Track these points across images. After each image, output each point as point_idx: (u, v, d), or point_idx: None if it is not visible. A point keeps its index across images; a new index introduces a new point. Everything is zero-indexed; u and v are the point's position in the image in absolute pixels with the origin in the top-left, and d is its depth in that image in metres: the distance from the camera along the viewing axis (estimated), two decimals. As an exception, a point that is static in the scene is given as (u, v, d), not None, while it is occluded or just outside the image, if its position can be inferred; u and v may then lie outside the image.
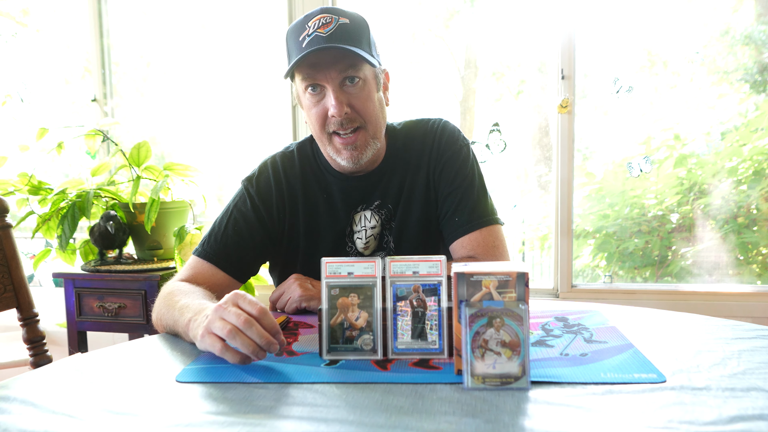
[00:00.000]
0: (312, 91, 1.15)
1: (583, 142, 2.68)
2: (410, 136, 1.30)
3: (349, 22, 1.14)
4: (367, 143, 1.19)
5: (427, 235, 1.27)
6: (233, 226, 1.24)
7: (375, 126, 1.20)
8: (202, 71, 2.76)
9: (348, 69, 1.13)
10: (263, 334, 0.80)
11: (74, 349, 2.12)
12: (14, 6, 2.87)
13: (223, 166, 2.88)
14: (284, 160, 1.30)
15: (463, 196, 1.24)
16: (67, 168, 2.97)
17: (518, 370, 0.72)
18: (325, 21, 1.12)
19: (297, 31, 1.15)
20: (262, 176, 1.29)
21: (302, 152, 1.31)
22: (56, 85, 2.91)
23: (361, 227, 1.27)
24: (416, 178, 1.27)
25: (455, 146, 1.28)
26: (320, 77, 1.13)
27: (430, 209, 1.27)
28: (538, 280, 2.86)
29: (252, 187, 1.27)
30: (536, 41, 2.55)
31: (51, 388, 0.78)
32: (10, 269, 1.37)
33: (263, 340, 0.80)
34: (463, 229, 1.23)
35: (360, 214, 1.27)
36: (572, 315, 1.09)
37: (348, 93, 1.15)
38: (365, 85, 1.16)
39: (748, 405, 0.66)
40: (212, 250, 1.21)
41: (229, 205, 1.28)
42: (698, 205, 2.61)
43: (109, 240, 2.10)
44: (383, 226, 1.27)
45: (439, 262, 0.84)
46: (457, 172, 1.26)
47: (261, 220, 1.25)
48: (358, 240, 1.27)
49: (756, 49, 2.52)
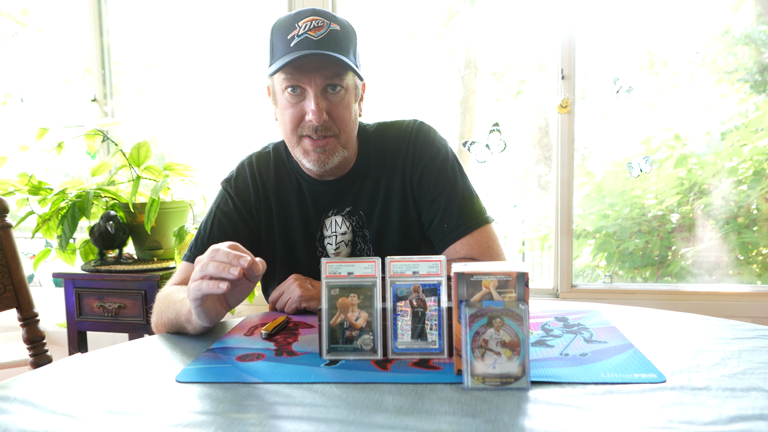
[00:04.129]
0: (292, 92, 1.14)
1: (583, 142, 2.68)
2: (383, 139, 1.28)
3: (339, 30, 1.13)
4: (336, 150, 1.18)
5: (407, 240, 1.26)
6: (218, 227, 1.25)
7: (347, 136, 1.19)
8: (202, 71, 2.76)
9: (333, 77, 1.12)
10: (228, 252, 0.86)
11: (74, 349, 2.12)
12: (14, 6, 2.87)
13: (223, 166, 2.88)
14: (260, 160, 1.31)
15: (448, 202, 1.23)
16: (67, 168, 2.97)
17: (518, 370, 0.72)
18: (317, 24, 1.11)
19: (285, 29, 1.14)
20: (240, 177, 1.30)
21: (277, 153, 1.31)
22: (56, 85, 2.91)
23: (332, 232, 1.26)
24: (392, 183, 1.25)
25: (431, 149, 1.25)
26: (304, 80, 1.12)
27: (408, 214, 1.25)
28: (538, 280, 2.86)
29: (231, 188, 1.29)
30: (536, 41, 2.55)
31: (51, 388, 0.78)
32: (10, 269, 1.37)
33: (230, 256, 0.86)
34: (454, 235, 1.22)
35: (330, 219, 1.27)
36: (572, 315, 1.09)
37: (328, 100, 1.14)
38: (346, 95, 1.16)
39: (748, 405, 0.66)
40: (200, 253, 1.21)
41: (212, 208, 1.29)
42: (698, 205, 2.61)
43: (109, 240, 2.10)
44: (355, 233, 1.26)
45: (439, 262, 0.84)
46: (437, 177, 1.24)
47: (243, 219, 1.26)
48: (329, 245, 1.27)
49: (756, 49, 2.52)
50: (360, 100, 1.25)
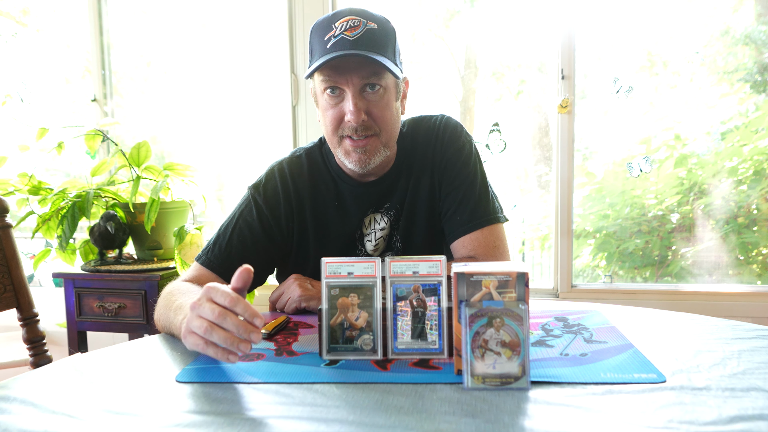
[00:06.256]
0: (331, 93, 1.14)
1: (583, 142, 2.68)
2: (415, 135, 1.29)
3: (377, 28, 1.12)
4: (378, 150, 1.17)
5: (434, 233, 1.27)
6: (238, 236, 1.22)
7: (389, 135, 1.19)
8: (202, 71, 2.76)
9: (371, 76, 1.12)
10: (238, 323, 0.78)
11: (74, 349, 2.12)
12: (14, 6, 2.87)
13: (223, 166, 2.88)
14: (292, 165, 1.28)
15: (465, 195, 1.24)
16: (67, 168, 2.97)
17: (518, 370, 0.72)
18: (353, 24, 1.11)
19: (323, 30, 1.13)
20: (269, 183, 1.27)
21: (311, 157, 1.29)
22: (56, 85, 2.91)
23: (371, 230, 1.26)
24: (421, 177, 1.26)
25: (457, 143, 1.27)
26: (342, 81, 1.12)
27: (434, 208, 1.27)
28: (538, 280, 2.86)
29: (259, 195, 1.26)
30: (536, 41, 2.55)
31: (51, 388, 0.78)
32: (10, 269, 1.37)
33: (240, 329, 0.77)
34: (464, 228, 1.23)
35: (370, 216, 1.27)
36: (572, 315, 1.09)
37: (367, 100, 1.14)
38: (385, 94, 1.15)
39: (748, 405, 0.66)
40: (216, 259, 1.20)
41: (235, 213, 1.26)
42: (698, 205, 2.61)
43: (109, 240, 2.10)
44: (392, 227, 1.27)
45: (439, 262, 0.84)
46: (459, 170, 1.25)
47: (267, 229, 1.24)
48: (368, 243, 1.27)
49: (756, 49, 2.52)
50: (403, 98, 1.24)
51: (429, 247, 1.26)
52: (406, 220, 1.26)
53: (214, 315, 0.79)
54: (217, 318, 0.78)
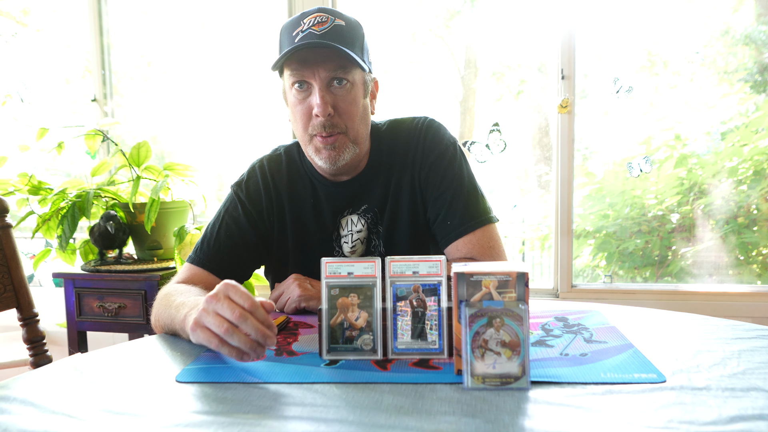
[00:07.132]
0: (299, 87, 1.14)
1: (583, 142, 2.68)
2: (394, 136, 1.28)
3: (344, 24, 1.13)
4: (346, 146, 1.17)
5: (417, 237, 1.26)
6: (225, 231, 1.24)
7: (355, 132, 1.18)
8: (202, 70, 2.76)
9: (337, 69, 1.12)
10: (259, 328, 0.79)
11: (74, 349, 2.12)
12: (14, 6, 2.87)
13: (223, 166, 2.88)
14: (271, 163, 1.29)
15: (453, 199, 1.22)
16: (67, 168, 2.97)
17: (518, 370, 0.72)
18: (321, 20, 1.12)
19: (291, 27, 1.14)
20: (251, 180, 1.28)
21: (289, 156, 1.30)
22: (56, 85, 2.91)
23: (348, 231, 1.26)
24: (401, 179, 1.25)
25: (441, 146, 1.25)
26: (308, 74, 1.12)
27: (417, 211, 1.25)
28: (538, 280, 2.86)
29: (242, 192, 1.27)
30: (536, 41, 2.55)
31: (51, 388, 0.78)
32: (10, 269, 1.37)
33: (259, 334, 0.78)
34: (456, 232, 1.21)
35: (346, 218, 1.26)
36: (572, 315, 1.09)
37: (334, 94, 1.14)
38: (352, 89, 1.15)
39: (748, 405, 0.66)
40: (205, 256, 1.21)
41: (220, 211, 1.28)
42: (698, 205, 2.61)
43: (109, 240, 2.10)
44: (370, 230, 1.26)
45: (439, 262, 0.84)
46: (444, 173, 1.23)
47: (253, 224, 1.25)
48: (345, 244, 1.26)
49: (756, 49, 2.52)
50: (372, 98, 1.24)
51: (412, 252, 1.24)
52: (387, 223, 1.25)
53: (235, 315, 0.79)
54: (237, 319, 0.79)
